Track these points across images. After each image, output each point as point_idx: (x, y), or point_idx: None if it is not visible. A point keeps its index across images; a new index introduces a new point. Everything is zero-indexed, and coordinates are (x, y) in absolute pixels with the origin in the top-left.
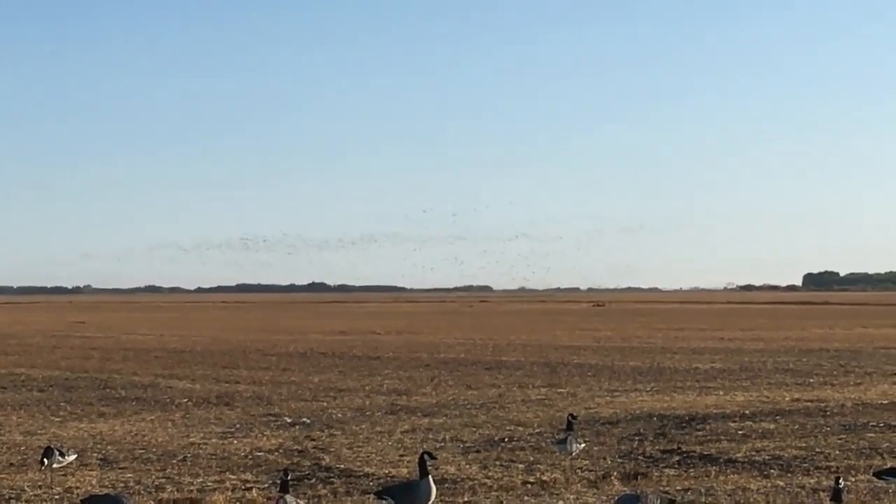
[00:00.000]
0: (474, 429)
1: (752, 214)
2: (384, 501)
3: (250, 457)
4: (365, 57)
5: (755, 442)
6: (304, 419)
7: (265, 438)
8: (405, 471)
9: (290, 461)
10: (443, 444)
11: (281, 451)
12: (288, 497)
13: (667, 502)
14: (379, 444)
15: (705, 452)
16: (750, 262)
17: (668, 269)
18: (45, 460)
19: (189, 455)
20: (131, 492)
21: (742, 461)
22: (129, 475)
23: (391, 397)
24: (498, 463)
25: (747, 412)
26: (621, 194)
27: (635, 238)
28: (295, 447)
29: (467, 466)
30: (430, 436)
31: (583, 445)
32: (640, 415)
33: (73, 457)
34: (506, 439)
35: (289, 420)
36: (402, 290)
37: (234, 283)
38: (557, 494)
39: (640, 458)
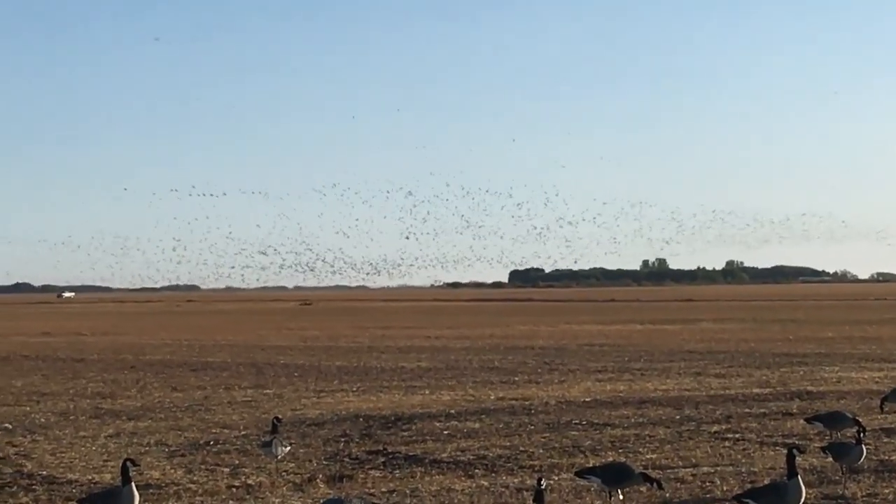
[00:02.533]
0: (179, 432)
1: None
2: None
3: None
4: None
5: (460, 441)
6: (6, 424)
7: None
8: (109, 476)
9: None
10: (148, 448)
11: None
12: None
13: None
14: (83, 449)
15: (411, 453)
16: (457, 258)
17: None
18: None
19: None
20: None
21: (447, 461)
22: None
23: (95, 401)
24: (203, 467)
25: (452, 411)
26: None
27: None
28: None
29: (172, 471)
30: (135, 440)
31: (288, 448)
32: (347, 415)
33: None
34: (211, 442)
35: None
36: (108, 289)
37: None
38: (263, 498)
39: (346, 459)
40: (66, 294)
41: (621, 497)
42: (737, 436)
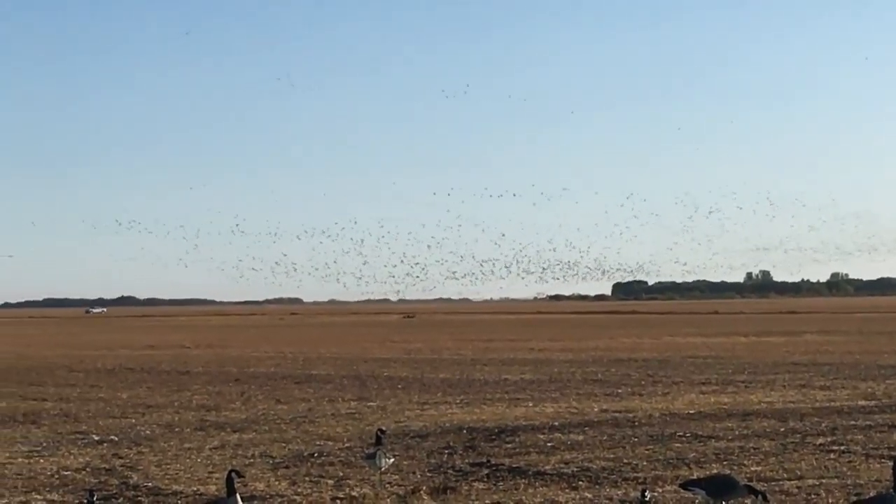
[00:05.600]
0: (284, 444)
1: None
2: None
3: (57, 476)
4: None
5: (564, 454)
6: (112, 436)
7: (72, 457)
8: (214, 488)
9: (98, 480)
10: (252, 459)
11: (88, 469)
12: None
13: None
14: (188, 461)
15: (514, 465)
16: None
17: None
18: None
19: None
20: None
21: (551, 473)
22: None
23: (200, 413)
24: (307, 479)
25: (556, 424)
26: None
27: None
28: (102, 465)
29: (276, 483)
30: (240, 452)
31: (392, 460)
32: (450, 428)
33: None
34: (315, 454)
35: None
36: (213, 302)
37: (41, 298)
38: None
39: (450, 471)
40: (96, 309)
41: None
42: (842, 448)
